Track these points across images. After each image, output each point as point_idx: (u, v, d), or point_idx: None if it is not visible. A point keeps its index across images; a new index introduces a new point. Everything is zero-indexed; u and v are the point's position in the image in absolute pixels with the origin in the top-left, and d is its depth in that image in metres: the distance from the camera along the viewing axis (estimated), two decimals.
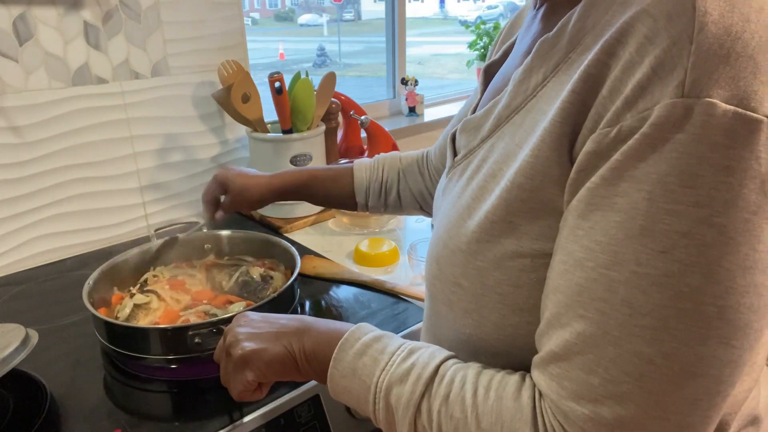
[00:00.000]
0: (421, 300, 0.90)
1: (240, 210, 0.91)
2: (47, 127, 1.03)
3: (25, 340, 0.67)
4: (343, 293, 0.94)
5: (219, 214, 0.88)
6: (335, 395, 0.51)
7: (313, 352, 0.52)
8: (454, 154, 0.57)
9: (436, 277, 0.52)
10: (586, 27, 0.41)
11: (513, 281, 0.44)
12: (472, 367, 0.46)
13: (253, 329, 0.56)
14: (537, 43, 0.45)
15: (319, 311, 0.89)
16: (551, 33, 0.44)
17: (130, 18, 1.07)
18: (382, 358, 0.48)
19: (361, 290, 0.95)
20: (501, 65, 0.59)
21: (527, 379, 0.43)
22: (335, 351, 0.50)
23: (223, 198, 0.88)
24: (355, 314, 0.87)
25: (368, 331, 0.51)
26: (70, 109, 1.04)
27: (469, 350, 0.50)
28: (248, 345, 0.54)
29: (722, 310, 0.34)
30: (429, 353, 0.47)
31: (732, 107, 0.33)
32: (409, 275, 1.00)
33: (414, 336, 0.82)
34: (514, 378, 0.44)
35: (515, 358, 0.47)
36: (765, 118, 0.33)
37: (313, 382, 0.71)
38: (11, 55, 0.97)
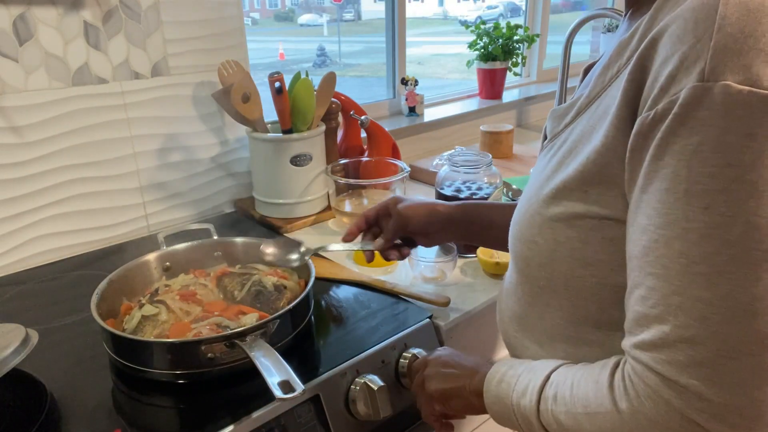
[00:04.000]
0: (421, 300, 0.90)
1: (403, 233, 0.81)
2: (47, 127, 1.03)
3: (25, 340, 0.68)
4: (343, 293, 0.94)
5: (379, 242, 0.81)
6: (498, 422, 0.59)
7: (478, 389, 0.61)
8: (545, 139, 0.65)
9: (516, 237, 0.60)
10: (652, 28, 0.47)
11: (582, 238, 0.52)
12: (572, 368, 0.53)
13: (450, 374, 0.67)
14: (616, 44, 0.52)
15: (319, 311, 0.89)
16: (627, 34, 0.50)
17: (130, 18, 1.07)
18: (512, 381, 0.57)
19: (361, 290, 0.95)
20: None
21: (610, 359, 0.50)
22: (485, 384, 0.60)
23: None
24: (355, 314, 0.87)
25: (507, 363, 0.60)
26: (70, 109, 1.04)
27: (542, 303, 0.58)
28: (436, 386, 0.67)
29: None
30: (544, 366, 0.55)
31: (747, 87, 0.39)
32: (409, 275, 1.00)
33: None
34: (601, 361, 0.51)
35: (580, 309, 0.55)
36: None
37: (312, 382, 0.71)
38: (11, 55, 0.97)
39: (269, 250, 0.84)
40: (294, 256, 0.84)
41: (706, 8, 0.42)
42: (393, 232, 0.81)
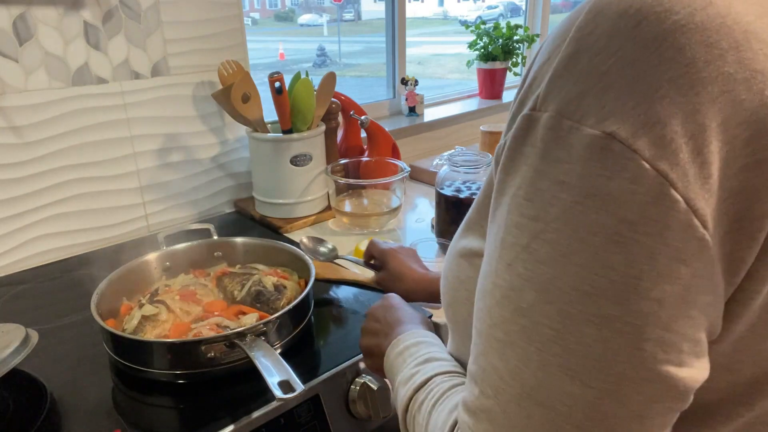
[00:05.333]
0: None
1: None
2: (47, 127, 1.03)
3: (25, 340, 0.68)
4: (343, 293, 0.94)
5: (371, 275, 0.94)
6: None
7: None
8: None
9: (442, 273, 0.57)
10: None
11: (476, 279, 0.45)
12: (450, 382, 0.47)
13: (373, 328, 0.64)
14: None
15: (319, 311, 0.89)
16: None
17: (130, 18, 1.07)
18: (407, 360, 0.53)
19: (361, 290, 0.95)
20: None
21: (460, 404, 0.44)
22: (388, 347, 0.57)
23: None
24: (355, 314, 0.87)
25: (417, 335, 0.56)
26: (70, 109, 1.04)
27: (454, 343, 0.53)
28: (362, 341, 0.65)
29: (560, 336, 0.32)
30: (437, 365, 0.50)
31: (572, 122, 0.32)
32: None
33: None
34: (458, 397, 0.43)
35: None
36: (602, 134, 0.31)
37: (312, 382, 0.71)
38: (11, 55, 0.97)
39: (305, 240, 0.99)
40: (322, 249, 1.00)
41: (571, 17, 0.34)
42: (377, 280, 0.93)
